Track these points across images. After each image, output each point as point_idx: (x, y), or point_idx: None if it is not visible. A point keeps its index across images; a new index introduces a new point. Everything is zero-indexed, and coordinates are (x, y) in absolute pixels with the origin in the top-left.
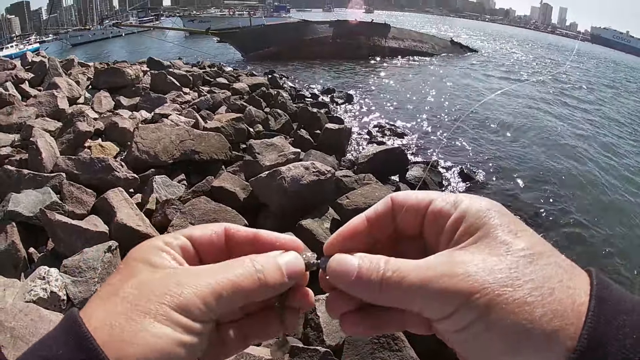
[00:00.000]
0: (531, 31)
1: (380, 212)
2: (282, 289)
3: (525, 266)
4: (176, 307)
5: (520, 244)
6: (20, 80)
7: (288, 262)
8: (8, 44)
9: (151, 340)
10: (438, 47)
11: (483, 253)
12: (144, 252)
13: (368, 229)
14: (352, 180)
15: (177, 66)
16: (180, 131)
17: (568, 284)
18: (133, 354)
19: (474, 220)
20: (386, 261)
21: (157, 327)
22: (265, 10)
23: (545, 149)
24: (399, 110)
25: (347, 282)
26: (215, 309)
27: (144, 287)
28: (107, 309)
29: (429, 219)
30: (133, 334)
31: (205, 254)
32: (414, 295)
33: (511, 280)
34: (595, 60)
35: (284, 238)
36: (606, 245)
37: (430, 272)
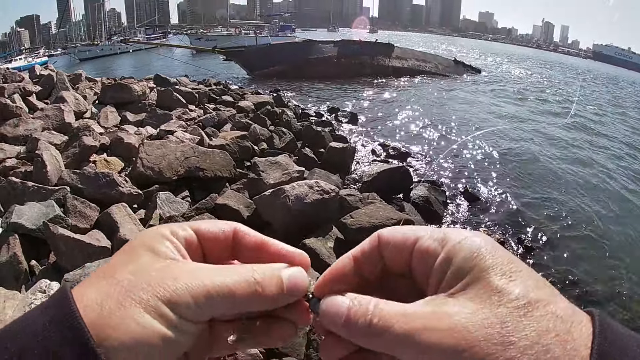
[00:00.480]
0: (533, 49)
1: (366, 250)
2: (280, 303)
3: (519, 319)
4: (167, 301)
5: (514, 290)
6: (27, 92)
7: (290, 276)
8: (17, 56)
9: (136, 329)
10: (441, 67)
11: (473, 302)
12: (150, 238)
13: (355, 267)
14: (356, 199)
15: (183, 83)
16: (185, 148)
17: (566, 337)
18: (115, 339)
19: (463, 262)
20: (375, 304)
21: (144, 317)
22: (271, 30)
23: (550, 169)
24: (403, 130)
25: (337, 324)
26: (206, 311)
27: (141, 274)
28: (100, 289)
29: (416, 257)
30: (120, 319)
31: (210, 250)
32: (400, 345)
33: (502, 336)
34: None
35: (291, 251)
36: (614, 266)
37: (416, 322)
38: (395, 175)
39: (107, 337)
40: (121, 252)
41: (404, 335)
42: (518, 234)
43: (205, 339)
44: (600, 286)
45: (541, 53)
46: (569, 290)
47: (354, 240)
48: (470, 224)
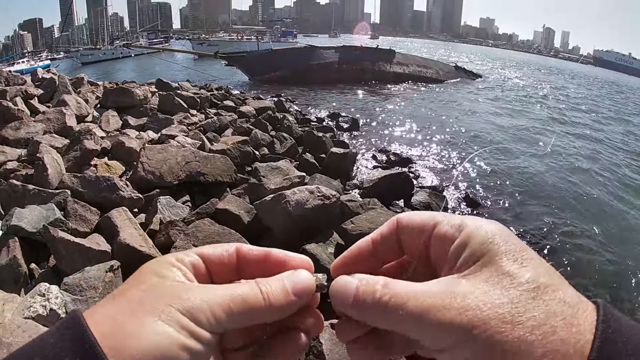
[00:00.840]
0: (534, 55)
1: (385, 234)
2: (290, 310)
3: (528, 301)
4: (184, 311)
5: (525, 275)
6: (29, 95)
7: (295, 281)
8: (20, 59)
9: (154, 337)
10: (442, 73)
11: (485, 284)
12: (156, 266)
13: (373, 250)
14: (357, 205)
15: (185, 88)
16: (186, 152)
17: (572, 321)
18: (133, 347)
19: (478, 247)
20: (384, 284)
21: (160, 325)
22: (272, 35)
23: (553, 174)
24: (404, 136)
25: (346, 304)
26: (224, 323)
27: (153, 290)
28: (111, 306)
29: (434, 242)
30: (135, 329)
31: (216, 272)
32: (412, 323)
33: (512, 316)
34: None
35: (294, 257)
36: (617, 269)
37: (428, 301)
38: (396, 181)
39: (122, 347)
40: (128, 280)
41: (416, 313)
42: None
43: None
44: (601, 293)
45: (542, 59)
46: None
47: None
48: None
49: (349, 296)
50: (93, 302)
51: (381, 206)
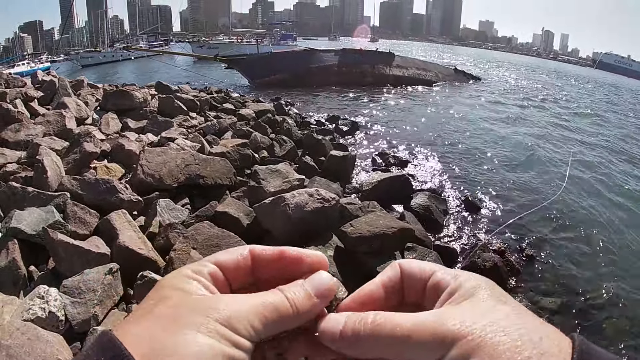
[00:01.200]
0: (534, 58)
1: (392, 279)
2: (314, 313)
3: (514, 318)
4: (223, 321)
5: (508, 307)
6: (29, 98)
7: (313, 284)
8: (20, 61)
9: (195, 350)
10: (442, 75)
11: (472, 307)
12: (175, 281)
13: (385, 295)
14: (356, 208)
15: (184, 91)
16: (186, 155)
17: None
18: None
19: (468, 289)
20: (376, 313)
21: (201, 337)
22: (272, 38)
23: (553, 180)
24: (403, 138)
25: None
26: (260, 332)
27: (183, 305)
28: (143, 325)
29: (430, 288)
30: (175, 345)
31: (233, 278)
32: (404, 341)
33: (501, 327)
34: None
35: (309, 254)
36: (616, 276)
37: (419, 319)
38: (395, 183)
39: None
40: (148, 297)
41: (409, 329)
42: (519, 242)
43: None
44: (601, 295)
45: (541, 61)
46: (570, 299)
47: (353, 249)
48: (471, 233)
49: (337, 329)
50: (92, 305)
51: (380, 209)
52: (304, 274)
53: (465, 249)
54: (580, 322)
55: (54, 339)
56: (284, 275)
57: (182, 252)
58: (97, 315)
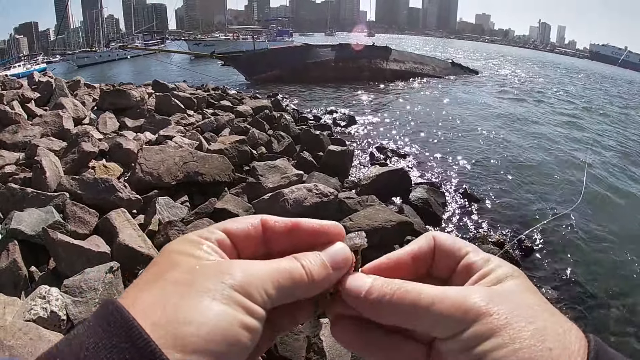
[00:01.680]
0: (531, 50)
1: (424, 250)
2: (329, 284)
3: (540, 309)
4: (238, 287)
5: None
6: (26, 99)
7: (329, 254)
8: (16, 63)
9: (212, 319)
10: (439, 69)
11: (501, 291)
12: (183, 245)
13: (413, 266)
14: (355, 202)
15: (181, 89)
16: (184, 153)
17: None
18: (193, 334)
19: (500, 275)
20: (403, 281)
21: (217, 305)
22: (268, 35)
23: (551, 172)
24: (401, 132)
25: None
26: (274, 299)
27: (197, 270)
28: (154, 291)
29: (462, 268)
30: (191, 313)
31: (243, 247)
32: (426, 310)
33: (527, 314)
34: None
35: (323, 224)
36: (615, 265)
37: (446, 291)
38: (393, 177)
39: (181, 335)
40: (156, 262)
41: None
42: (518, 235)
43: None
44: (602, 290)
45: (538, 54)
46: (569, 290)
47: None
48: (470, 225)
49: (362, 290)
50: (94, 304)
51: (379, 203)
52: (321, 244)
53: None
54: (578, 316)
55: (57, 339)
56: (299, 248)
57: None
58: None
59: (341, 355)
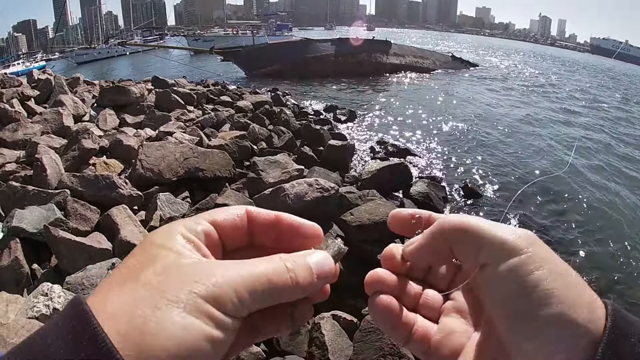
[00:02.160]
0: (531, 44)
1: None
2: (311, 291)
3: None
4: (210, 297)
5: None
6: (26, 97)
7: (317, 262)
8: (15, 61)
9: (180, 333)
10: (439, 63)
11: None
12: (165, 238)
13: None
14: (356, 197)
15: (181, 85)
16: (185, 149)
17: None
18: (157, 348)
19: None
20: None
21: (187, 318)
22: (268, 29)
23: (553, 165)
24: (401, 126)
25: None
26: (249, 305)
27: (171, 273)
28: (125, 293)
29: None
30: (159, 325)
31: (229, 238)
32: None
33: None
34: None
35: (305, 223)
36: (616, 260)
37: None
38: (394, 171)
39: (146, 347)
40: (134, 254)
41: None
42: (519, 227)
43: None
44: (605, 280)
45: (539, 47)
46: None
47: (354, 238)
48: None
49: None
50: None
51: (380, 197)
52: (301, 243)
53: None
54: None
55: None
56: (280, 243)
57: None
58: None
59: (342, 349)
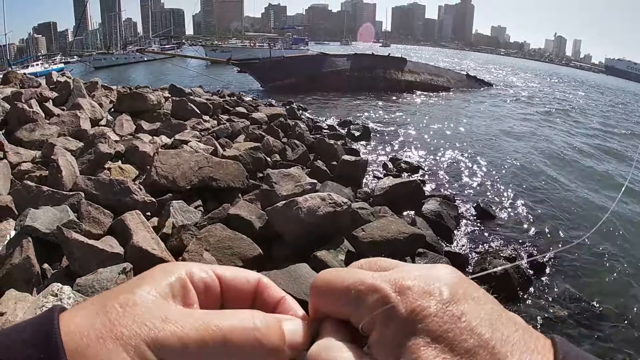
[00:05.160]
0: (546, 64)
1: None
2: (279, 357)
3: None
4: (152, 344)
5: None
6: (44, 98)
7: (292, 330)
8: (34, 62)
9: None
10: (454, 81)
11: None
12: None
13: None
14: (368, 213)
15: (197, 94)
16: (199, 158)
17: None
18: None
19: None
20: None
21: (120, 356)
22: (284, 43)
23: (565, 188)
24: (415, 144)
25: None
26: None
27: (131, 308)
28: (88, 317)
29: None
30: (95, 355)
31: (231, 298)
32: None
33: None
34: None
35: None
36: (626, 286)
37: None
38: (407, 189)
39: None
40: (140, 275)
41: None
42: (530, 250)
43: None
44: (613, 308)
45: (553, 67)
46: (581, 309)
47: (364, 254)
48: (482, 240)
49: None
50: None
51: (392, 214)
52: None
53: (476, 256)
54: (589, 333)
55: None
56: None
57: (195, 254)
58: None
59: None
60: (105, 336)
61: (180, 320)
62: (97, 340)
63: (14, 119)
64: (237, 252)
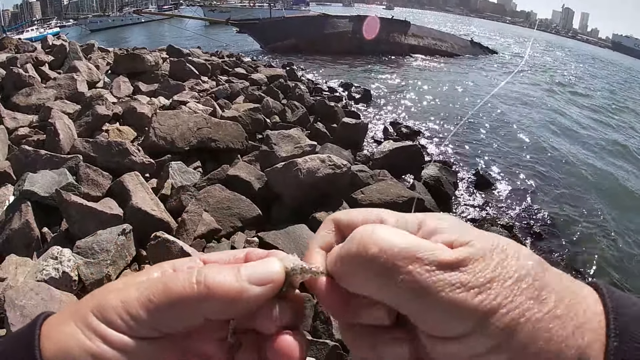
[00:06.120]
0: (552, 35)
1: (327, 239)
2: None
3: (542, 272)
4: (96, 310)
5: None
6: (40, 62)
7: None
8: (29, 27)
9: (62, 339)
10: (458, 47)
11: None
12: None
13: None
14: (367, 176)
15: (196, 55)
16: (198, 119)
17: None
18: (48, 349)
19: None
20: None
21: (70, 327)
22: (285, 3)
23: (565, 157)
24: (416, 108)
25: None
26: (146, 321)
27: (101, 289)
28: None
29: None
30: (55, 332)
31: None
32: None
33: (536, 290)
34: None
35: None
36: (622, 252)
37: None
38: (406, 153)
39: (44, 348)
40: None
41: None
42: (527, 219)
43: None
44: (607, 274)
45: (560, 39)
46: (573, 276)
47: None
48: (480, 206)
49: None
50: (105, 265)
51: (391, 178)
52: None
53: (473, 222)
54: None
55: (68, 299)
56: None
57: (194, 214)
58: (110, 275)
59: None
60: (66, 314)
61: (127, 287)
62: (59, 318)
63: (9, 84)
64: (236, 213)
